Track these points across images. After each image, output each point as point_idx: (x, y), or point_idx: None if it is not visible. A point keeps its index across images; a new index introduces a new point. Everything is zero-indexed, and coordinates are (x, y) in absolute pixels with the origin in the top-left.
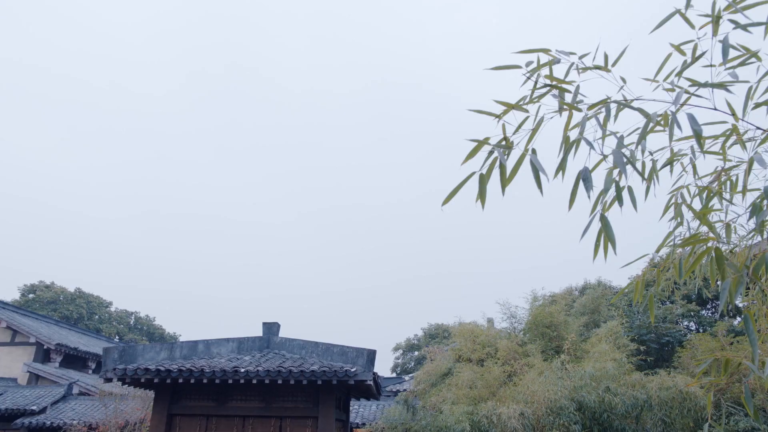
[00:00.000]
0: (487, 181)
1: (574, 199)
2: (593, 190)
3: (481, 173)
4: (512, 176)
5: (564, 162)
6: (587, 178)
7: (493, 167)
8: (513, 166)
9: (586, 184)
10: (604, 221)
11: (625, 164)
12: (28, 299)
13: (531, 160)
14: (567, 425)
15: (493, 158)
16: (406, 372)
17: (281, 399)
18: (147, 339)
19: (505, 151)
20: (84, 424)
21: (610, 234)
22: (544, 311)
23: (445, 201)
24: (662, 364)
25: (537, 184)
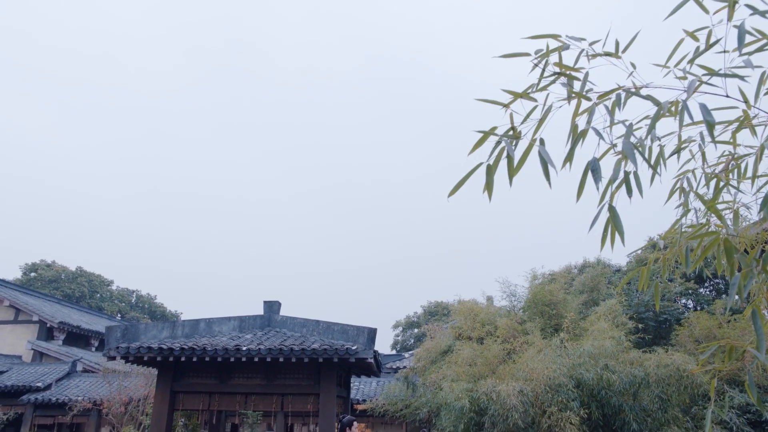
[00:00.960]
0: (494, 172)
1: (583, 190)
2: (601, 181)
3: (489, 164)
4: (519, 167)
5: (572, 152)
6: (596, 169)
7: (500, 158)
8: (520, 156)
9: (595, 176)
10: (612, 212)
11: (636, 156)
12: (30, 278)
13: (539, 152)
14: (565, 402)
15: (501, 149)
16: (406, 349)
17: (283, 376)
18: (149, 317)
19: (512, 142)
20: (89, 401)
21: (619, 225)
22: (544, 289)
23: (452, 192)
24: (660, 341)
25: (545, 176)
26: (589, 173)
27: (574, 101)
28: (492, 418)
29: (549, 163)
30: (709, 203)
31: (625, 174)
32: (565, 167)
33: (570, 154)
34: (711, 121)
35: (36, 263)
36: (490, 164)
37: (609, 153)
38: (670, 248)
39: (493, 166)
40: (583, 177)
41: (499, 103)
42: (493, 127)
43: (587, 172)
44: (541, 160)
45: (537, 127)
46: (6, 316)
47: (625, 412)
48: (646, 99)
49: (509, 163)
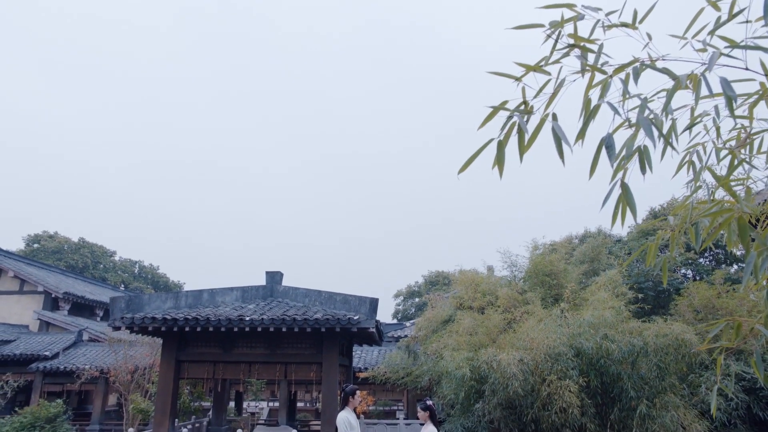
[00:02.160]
0: (504, 147)
1: (596, 167)
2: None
3: (499, 140)
4: (531, 142)
5: (585, 128)
6: (611, 145)
7: (510, 133)
8: (532, 131)
9: (609, 152)
10: (624, 188)
11: (653, 132)
12: (33, 249)
13: (553, 127)
14: (565, 371)
15: (512, 123)
16: (407, 318)
17: (286, 346)
18: (152, 287)
19: (524, 116)
20: (96, 369)
21: (631, 202)
22: (544, 260)
23: (462, 169)
24: (659, 311)
25: (558, 152)
26: (603, 149)
27: (587, 75)
28: (492, 386)
29: (563, 140)
30: (723, 180)
31: (640, 150)
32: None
33: (583, 129)
34: (732, 96)
35: (39, 234)
36: (501, 140)
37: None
38: (679, 224)
39: (503, 141)
40: (596, 153)
41: (510, 77)
42: (504, 102)
43: (601, 148)
44: (555, 136)
45: (549, 101)
46: (11, 287)
47: (623, 380)
48: (662, 72)
49: (520, 139)
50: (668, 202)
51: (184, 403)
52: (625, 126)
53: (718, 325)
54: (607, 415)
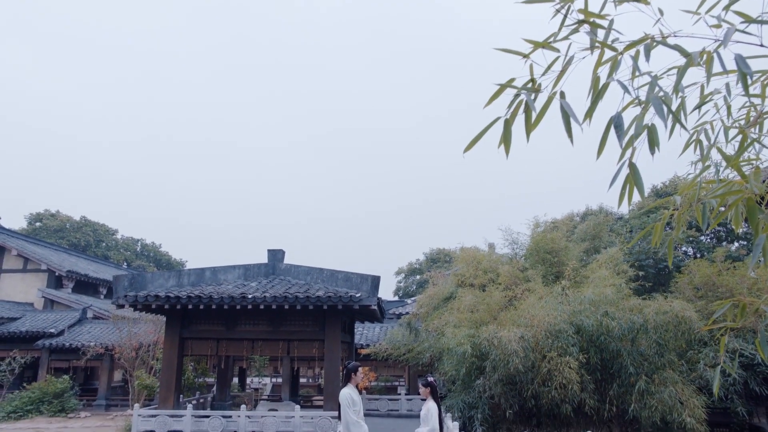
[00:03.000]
0: (511, 126)
1: (604, 147)
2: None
3: (506, 119)
4: (538, 121)
5: (593, 106)
6: (620, 125)
7: (517, 111)
8: (539, 110)
9: (618, 132)
10: (632, 168)
11: (663, 111)
12: (36, 228)
13: (561, 105)
14: (565, 347)
15: (518, 102)
16: (408, 295)
17: (288, 323)
18: (154, 265)
19: (531, 95)
20: (101, 346)
21: (639, 183)
22: (546, 237)
23: (467, 148)
24: (659, 288)
25: (567, 131)
26: (612, 129)
27: (596, 52)
28: (493, 363)
29: (572, 118)
30: (732, 160)
31: (649, 129)
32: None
33: (591, 108)
34: (748, 73)
35: (40, 213)
36: (508, 118)
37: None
38: (685, 204)
39: (510, 119)
40: (604, 133)
41: (518, 53)
42: (511, 79)
43: (609, 128)
44: (563, 114)
45: (557, 79)
46: (15, 265)
47: (622, 356)
48: (673, 49)
49: (527, 117)
50: (671, 180)
51: (188, 379)
52: (634, 104)
53: (723, 305)
54: (606, 391)
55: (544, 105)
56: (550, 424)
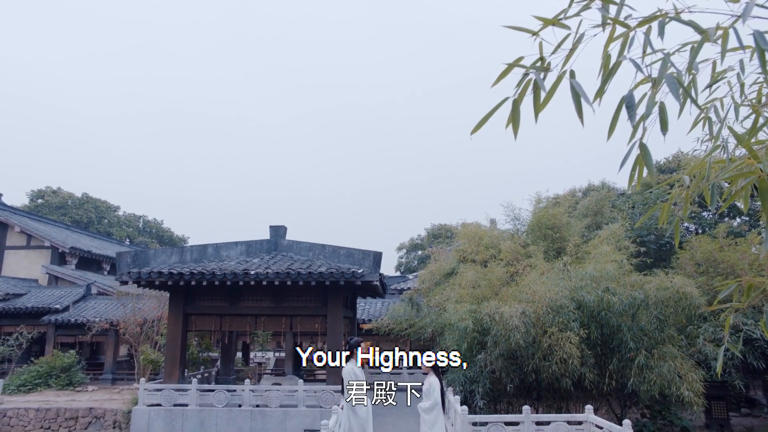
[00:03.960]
0: (519, 105)
1: (615, 127)
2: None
3: (514, 99)
4: (547, 101)
5: (604, 86)
6: (632, 105)
7: (525, 91)
8: (549, 89)
9: (630, 113)
10: (643, 149)
11: (678, 91)
12: (38, 204)
13: (572, 84)
14: (566, 323)
15: (527, 81)
16: (410, 271)
17: (291, 298)
18: (157, 242)
19: (540, 73)
20: (106, 321)
21: (650, 163)
22: (548, 213)
23: (475, 129)
24: (660, 264)
25: (577, 112)
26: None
27: (608, 29)
28: (494, 338)
29: (583, 98)
30: (745, 141)
31: (661, 110)
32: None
33: (602, 87)
34: (767, 49)
35: (42, 190)
36: (516, 98)
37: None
38: (693, 184)
39: (518, 99)
40: (616, 113)
41: (527, 31)
42: (519, 58)
43: (621, 107)
44: (574, 94)
45: (567, 57)
46: (18, 242)
47: (623, 331)
48: (687, 25)
49: (535, 97)
50: (674, 155)
51: (192, 354)
52: (645, 82)
53: (728, 285)
54: (606, 365)
55: (553, 84)
56: (550, 397)
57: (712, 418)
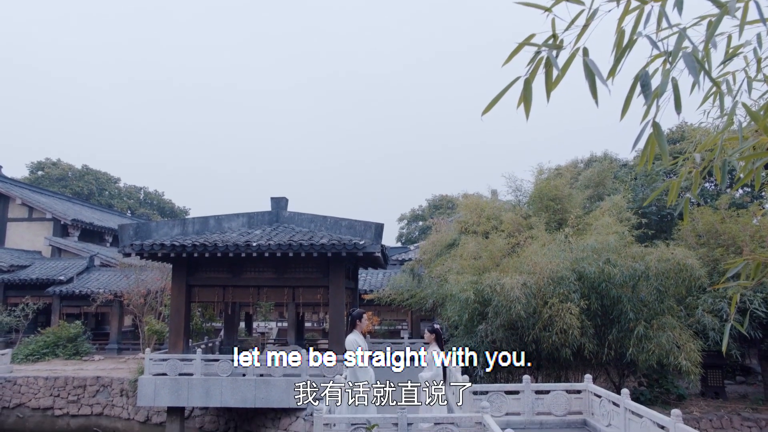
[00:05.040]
0: (531, 84)
1: (629, 106)
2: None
3: (526, 78)
4: (559, 80)
5: (618, 63)
6: (647, 83)
7: (537, 69)
8: (561, 67)
9: (645, 92)
10: (656, 128)
11: (696, 69)
12: (38, 176)
13: (586, 63)
14: (567, 294)
15: (539, 59)
16: (411, 242)
17: (293, 270)
18: (158, 213)
19: (553, 51)
20: (109, 293)
21: (662, 143)
22: (549, 184)
23: (485, 110)
24: (661, 236)
25: (592, 92)
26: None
27: (622, 3)
28: (495, 309)
29: (597, 77)
30: (761, 121)
31: (674, 87)
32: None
33: (615, 65)
34: None
35: (42, 161)
36: (527, 78)
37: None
38: (705, 161)
39: (530, 78)
40: (630, 91)
41: (540, 7)
42: (531, 35)
43: (635, 86)
44: (588, 73)
45: (580, 33)
46: (20, 214)
47: (623, 303)
48: None
49: (548, 74)
50: (678, 126)
51: (196, 324)
52: (659, 57)
53: (737, 264)
54: (605, 335)
55: (566, 62)
56: (550, 367)
57: (708, 386)
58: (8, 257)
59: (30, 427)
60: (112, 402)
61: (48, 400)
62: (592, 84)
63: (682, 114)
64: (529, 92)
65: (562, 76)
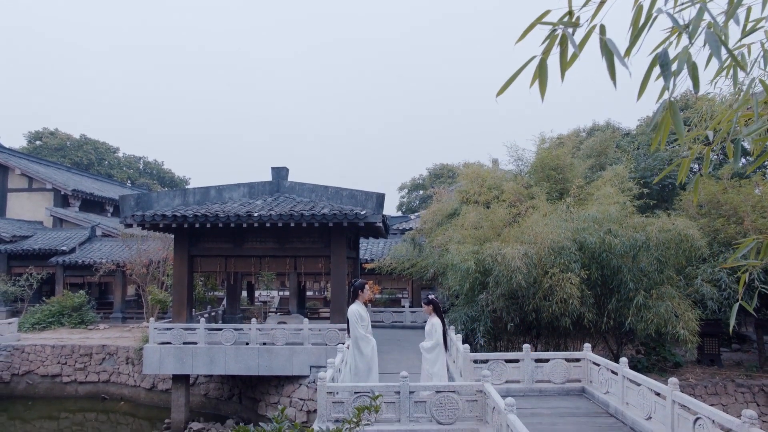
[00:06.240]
0: (546, 63)
1: (646, 87)
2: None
3: (542, 57)
4: (574, 58)
5: (635, 40)
6: (666, 63)
7: (551, 47)
8: (578, 45)
9: (664, 72)
10: (672, 108)
11: (720, 50)
12: (36, 146)
13: (605, 41)
14: (567, 264)
15: (553, 37)
16: (412, 211)
17: (294, 240)
18: (158, 183)
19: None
20: (112, 263)
21: (678, 123)
22: (551, 154)
23: (500, 91)
24: (662, 205)
25: (610, 72)
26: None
27: None
28: (496, 279)
29: (616, 56)
30: None
31: (692, 66)
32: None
33: (633, 42)
34: None
35: (39, 131)
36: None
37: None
38: (717, 137)
39: (545, 55)
40: (648, 70)
41: None
42: (546, 11)
43: (654, 65)
44: (606, 52)
45: (597, 9)
46: (20, 184)
47: (623, 272)
48: None
49: (562, 54)
50: (682, 94)
51: (199, 293)
52: (667, 29)
53: (748, 243)
54: (605, 305)
55: (582, 40)
56: (549, 336)
57: (704, 353)
58: (10, 228)
59: (40, 394)
60: (118, 369)
61: (56, 368)
62: (610, 64)
63: (687, 83)
64: (545, 71)
65: (577, 56)
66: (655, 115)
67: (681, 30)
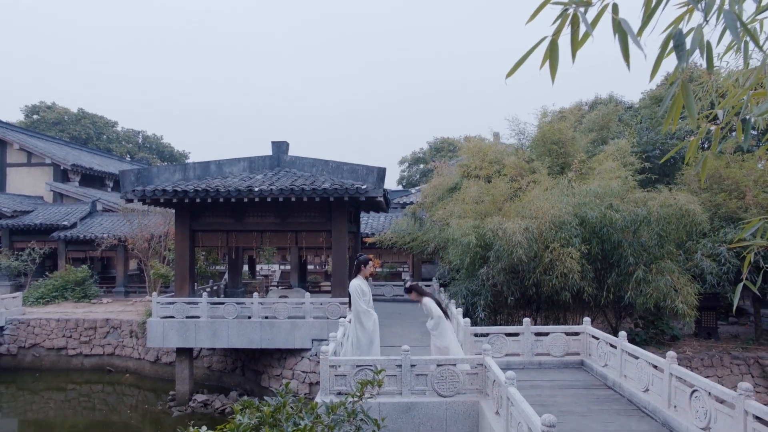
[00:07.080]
0: (556, 44)
1: (658, 68)
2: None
3: (553, 38)
4: (585, 39)
5: (649, 20)
6: (681, 43)
7: (563, 27)
8: (590, 24)
9: (679, 53)
10: (684, 88)
11: (738, 29)
12: (34, 121)
13: (618, 21)
14: (568, 238)
15: (564, 17)
16: (412, 184)
17: (295, 214)
18: (157, 157)
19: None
20: (113, 237)
21: (691, 105)
22: (553, 128)
23: (510, 73)
24: (664, 180)
25: (623, 54)
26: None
27: None
28: (497, 253)
29: (630, 36)
30: None
31: (707, 47)
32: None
33: (647, 21)
34: None
35: (36, 105)
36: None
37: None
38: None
39: (556, 36)
40: (661, 52)
41: None
42: None
43: (667, 44)
44: (619, 32)
45: None
46: (19, 159)
47: (623, 247)
48: None
49: (573, 34)
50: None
51: (201, 268)
52: (680, 5)
53: (754, 223)
54: (605, 279)
55: (593, 20)
56: (549, 309)
57: (702, 326)
58: (11, 203)
59: (46, 366)
60: (122, 343)
61: (61, 341)
62: (624, 44)
63: (692, 57)
64: (556, 52)
65: (590, 34)
66: (667, 98)
67: (694, 5)
